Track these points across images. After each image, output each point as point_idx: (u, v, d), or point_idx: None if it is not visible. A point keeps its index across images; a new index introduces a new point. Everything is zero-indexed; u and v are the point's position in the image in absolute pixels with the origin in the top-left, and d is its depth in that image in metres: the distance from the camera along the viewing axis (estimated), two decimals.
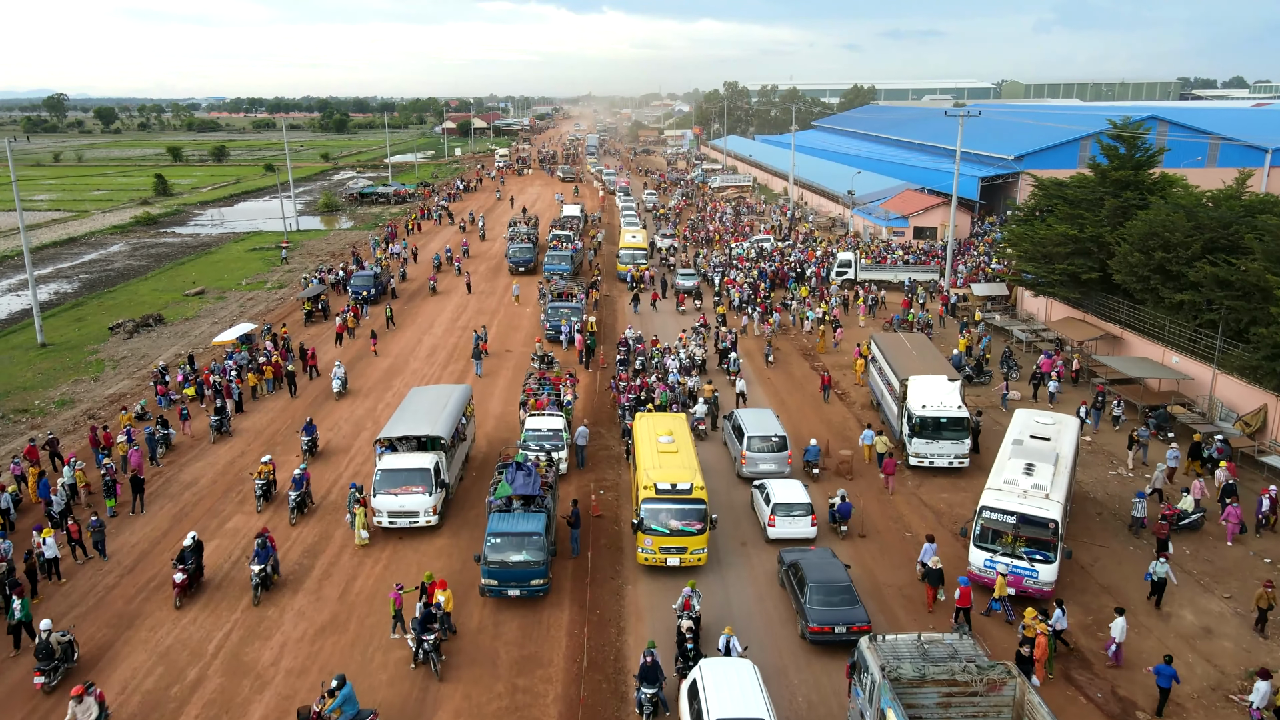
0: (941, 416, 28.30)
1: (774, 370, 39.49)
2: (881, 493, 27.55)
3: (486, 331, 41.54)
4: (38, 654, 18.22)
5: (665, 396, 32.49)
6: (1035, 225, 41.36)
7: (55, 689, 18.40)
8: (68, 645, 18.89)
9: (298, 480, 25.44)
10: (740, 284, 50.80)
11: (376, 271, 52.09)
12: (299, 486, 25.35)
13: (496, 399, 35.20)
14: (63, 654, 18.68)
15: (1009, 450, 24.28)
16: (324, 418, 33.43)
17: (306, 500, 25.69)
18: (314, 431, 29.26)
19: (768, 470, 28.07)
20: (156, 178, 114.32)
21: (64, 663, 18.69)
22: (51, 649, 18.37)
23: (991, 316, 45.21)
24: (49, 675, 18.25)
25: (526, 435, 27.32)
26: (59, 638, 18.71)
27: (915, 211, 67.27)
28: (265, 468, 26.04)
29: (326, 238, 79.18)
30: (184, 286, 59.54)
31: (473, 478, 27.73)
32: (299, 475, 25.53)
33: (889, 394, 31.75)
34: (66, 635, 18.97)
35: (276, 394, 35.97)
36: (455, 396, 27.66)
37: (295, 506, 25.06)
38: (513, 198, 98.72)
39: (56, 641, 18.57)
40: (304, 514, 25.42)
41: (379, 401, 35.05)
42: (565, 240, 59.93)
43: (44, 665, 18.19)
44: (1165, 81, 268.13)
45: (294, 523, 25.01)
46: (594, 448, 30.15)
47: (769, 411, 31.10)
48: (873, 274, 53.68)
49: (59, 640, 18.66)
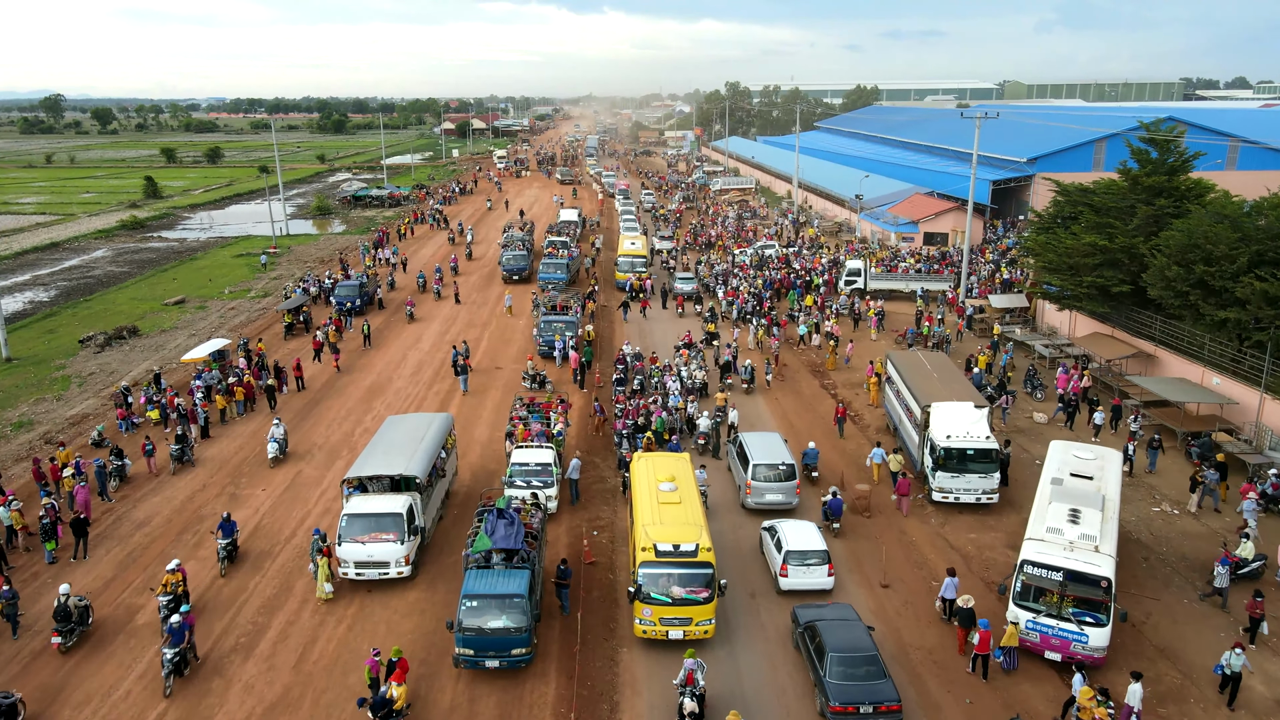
0: (968, 448, 25.79)
1: (781, 389, 36.98)
2: (902, 534, 25.04)
3: (469, 347, 39.06)
4: (56, 616, 19.21)
5: (661, 422, 30.00)
6: (1059, 234, 38.82)
7: (71, 650, 19.57)
8: (84, 609, 19.95)
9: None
10: (743, 294, 48.32)
11: (362, 281, 49.52)
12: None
13: (483, 423, 32.65)
14: (79, 617, 19.73)
15: (1048, 492, 21.78)
16: (298, 442, 30.94)
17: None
18: (234, 531, 22.73)
19: (775, 501, 25.85)
20: (146, 180, 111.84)
21: (80, 625, 19.78)
22: (69, 612, 19.37)
23: (1011, 330, 42.66)
24: (65, 636, 19.35)
25: (512, 470, 24.80)
26: (76, 602, 19.76)
27: (926, 216, 64.74)
28: (172, 577, 20.05)
29: (317, 243, 76.71)
30: (164, 295, 57.09)
31: (453, 517, 25.20)
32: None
33: (908, 420, 29.24)
34: (83, 600, 20.05)
35: (248, 417, 33.46)
36: (434, 428, 25.13)
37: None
38: (507, 201, 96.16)
39: (74, 605, 19.61)
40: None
41: (357, 425, 32.54)
42: (561, 247, 57.40)
43: (61, 627, 19.26)
44: (1169, 82, 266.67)
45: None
46: (588, 479, 27.64)
47: (777, 436, 28.72)
48: (883, 283, 51.16)
49: (76, 604, 19.71)
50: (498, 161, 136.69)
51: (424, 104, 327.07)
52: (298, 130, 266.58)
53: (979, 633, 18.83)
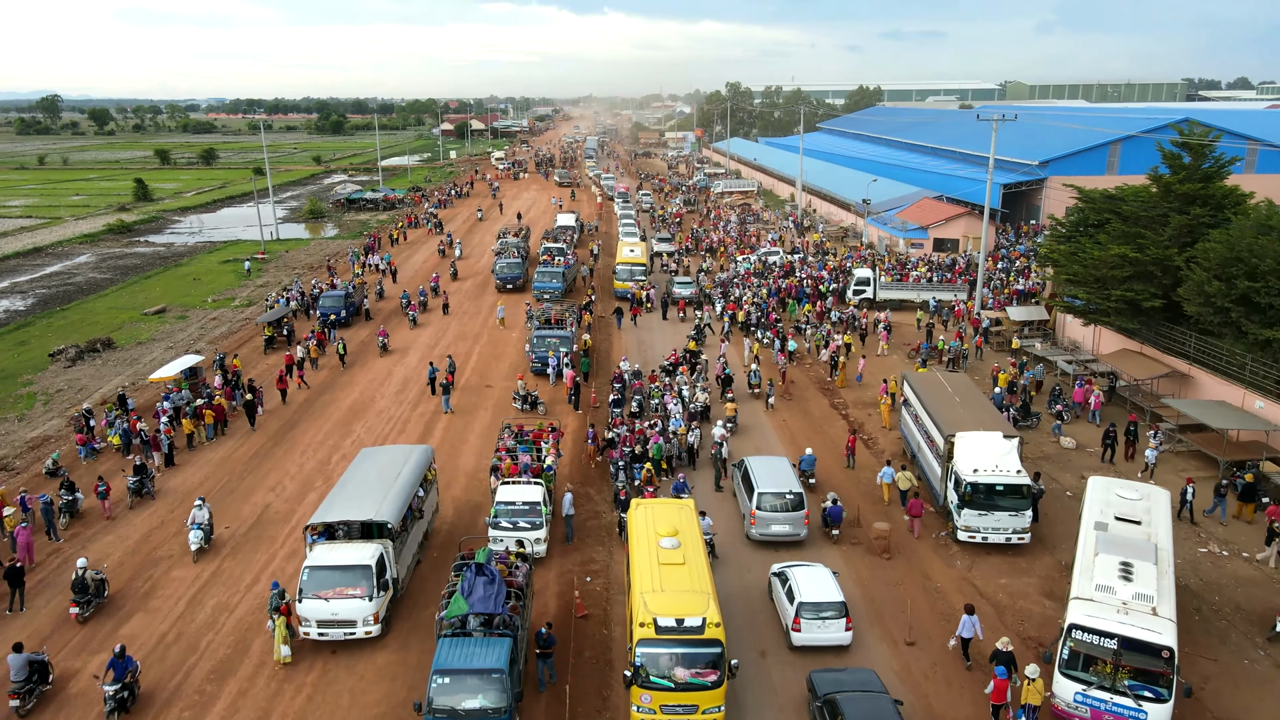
0: (998, 483, 23.53)
1: (789, 409, 34.70)
2: (926, 580, 22.76)
3: (454, 363, 36.84)
4: (73, 588, 20.29)
5: (659, 449, 27.76)
6: (1083, 243, 36.58)
7: (88, 620, 20.59)
8: (100, 582, 20.98)
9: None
10: (745, 305, 46.04)
11: (348, 291, 47.23)
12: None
13: (469, 449, 30.35)
14: (95, 589, 20.77)
15: (1092, 540, 19.51)
16: (267, 472, 28.69)
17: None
18: (126, 670, 17.25)
19: (781, 533, 24.00)
20: (136, 182, 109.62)
21: (96, 597, 20.79)
22: (86, 584, 20.38)
23: (1030, 344, 40.41)
24: (82, 607, 20.38)
25: (497, 510, 22.52)
26: (93, 575, 20.79)
27: (935, 222, 62.45)
28: None
29: (307, 248, 74.46)
30: (145, 304, 54.85)
31: (432, 561, 22.93)
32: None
33: (929, 449, 26.96)
34: (99, 574, 21.16)
35: (218, 442, 31.18)
36: (411, 463, 22.85)
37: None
38: (502, 204, 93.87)
39: (91, 578, 20.63)
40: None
41: (334, 451, 30.27)
42: (558, 254, 55.12)
43: (79, 598, 20.31)
44: (1171, 83, 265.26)
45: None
46: (582, 514, 25.38)
47: (784, 461, 26.67)
48: (893, 293, 48.90)
49: (93, 577, 20.75)
50: (495, 163, 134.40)
51: (423, 105, 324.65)
52: (296, 131, 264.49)
53: (994, 680, 17.13)
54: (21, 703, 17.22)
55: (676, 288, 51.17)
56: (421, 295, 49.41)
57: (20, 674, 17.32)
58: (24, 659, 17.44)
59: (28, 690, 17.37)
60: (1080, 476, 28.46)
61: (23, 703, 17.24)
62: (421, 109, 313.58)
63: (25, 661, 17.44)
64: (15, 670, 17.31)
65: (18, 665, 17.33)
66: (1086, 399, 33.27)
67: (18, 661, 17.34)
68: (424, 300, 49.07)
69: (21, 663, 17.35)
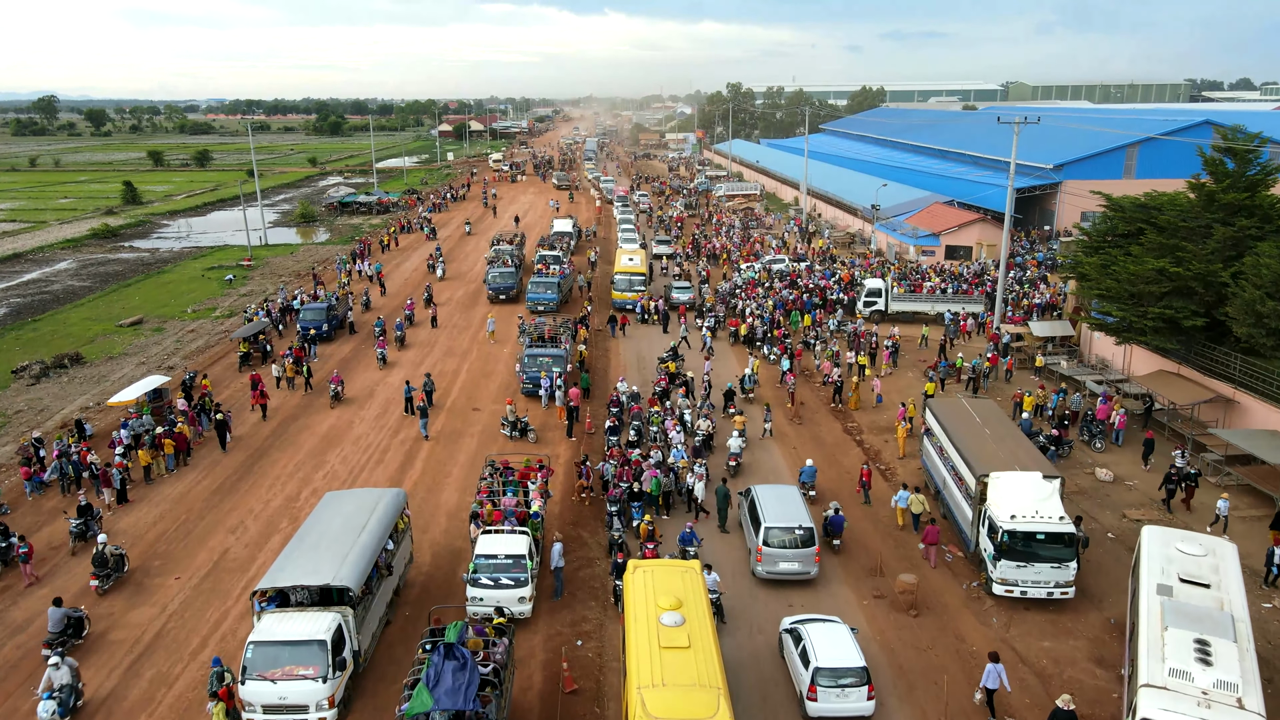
0: (1039, 531, 21.00)
1: (798, 434, 32.19)
2: (960, 642, 20.24)
3: (432, 380, 34.39)
4: (94, 562, 21.33)
5: (657, 485, 25.25)
6: (1113, 254, 34.05)
7: (107, 592, 21.57)
8: (119, 557, 21.99)
9: None
10: (750, 319, 43.47)
11: (331, 303, 44.64)
12: None
13: (452, 483, 27.79)
14: (114, 564, 21.70)
15: (1157, 608, 16.96)
16: (229, 511, 26.14)
17: None
18: None
19: (790, 571, 22.21)
20: (125, 185, 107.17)
21: (115, 572, 21.78)
22: (105, 559, 21.40)
23: (1055, 362, 37.89)
24: (102, 580, 21.41)
25: (477, 564, 19.98)
26: (112, 550, 21.76)
27: (947, 229, 59.92)
28: None
29: (296, 254, 71.97)
30: (121, 314, 52.37)
31: (403, 622, 20.39)
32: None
33: (957, 488, 24.43)
34: (119, 550, 22.17)
35: (179, 474, 28.63)
36: (380, 511, 20.29)
37: None
38: (496, 208, 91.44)
39: (110, 553, 21.59)
40: None
41: (305, 485, 27.72)
42: (553, 262, 52.60)
43: (99, 571, 21.33)
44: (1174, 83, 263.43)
45: None
46: (574, 562, 22.82)
47: (794, 490, 24.46)
48: (907, 305, 46.36)
49: (112, 553, 21.70)
50: (493, 165, 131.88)
51: (422, 106, 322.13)
52: (294, 132, 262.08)
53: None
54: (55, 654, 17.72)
55: (675, 292, 49.46)
56: (399, 329, 42.87)
57: (57, 626, 18.88)
58: (63, 613, 19.08)
59: (61, 642, 18.71)
60: (1121, 515, 26.02)
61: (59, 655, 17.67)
62: (420, 110, 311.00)
63: (63, 615, 19.08)
64: (53, 622, 18.87)
65: (56, 618, 18.92)
66: (1109, 418, 31.03)
67: (56, 614, 18.94)
68: (400, 335, 42.57)
69: (60, 616, 18.97)
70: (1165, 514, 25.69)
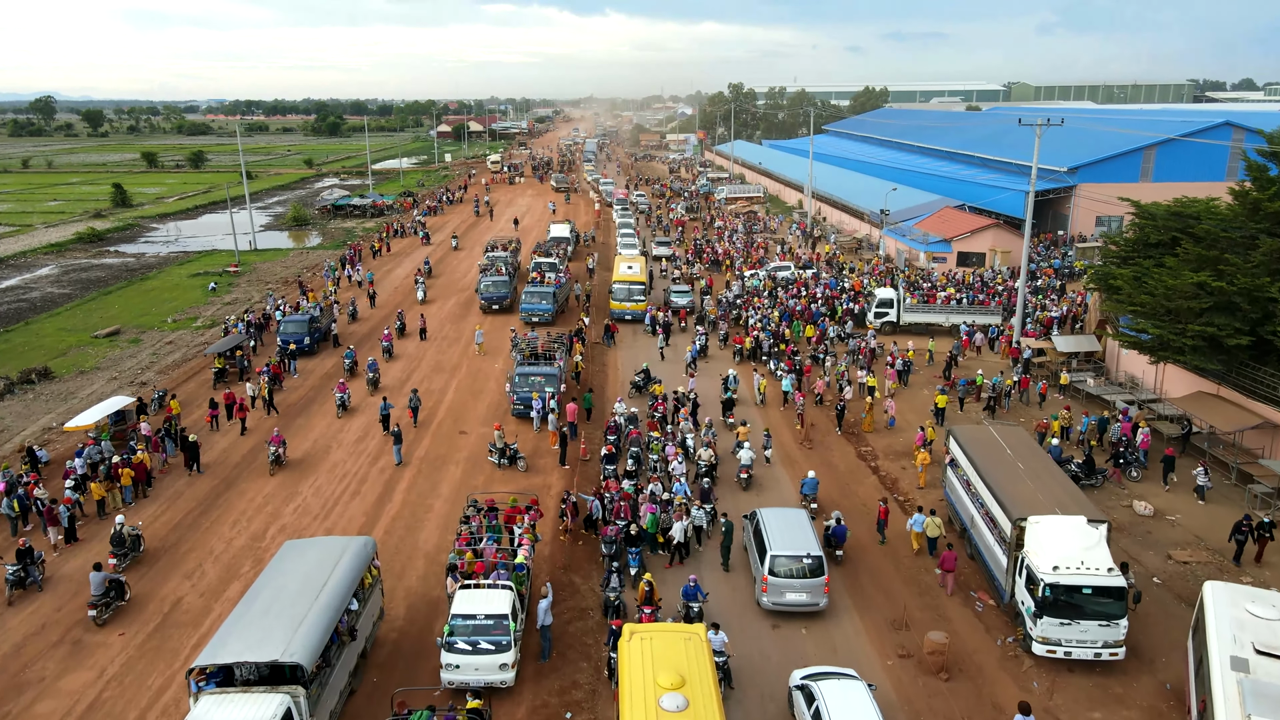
0: (1085, 585, 18.70)
1: (809, 459, 29.86)
2: (997, 712, 17.92)
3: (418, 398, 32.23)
4: (112, 541, 22.18)
5: (653, 522, 22.98)
6: (1145, 266, 31.76)
7: (125, 570, 22.25)
8: (136, 537, 22.81)
9: None
10: (754, 331, 41.10)
11: (314, 314, 42.32)
12: None
13: (433, 519, 25.45)
14: (131, 544, 22.54)
15: (1233, 688, 14.67)
16: (187, 551, 23.83)
17: None
18: None
19: (797, 603, 20.76)
20: (115, 187, 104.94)
21: (132, 551, 22.57)
22: (123, 538, 22.25)
23: (1082, 380, 35.59)
24: (120, 559, 22.21)
25: (454, 625, 17.67)
26: (130, 530, 22.60)
27: (959, 234, 57.58)
28: None
29: (285, 259, 69.73)
30: (98, 324, 50.12)
31: (370, 690, 18.06)
32: None
33: (988, 529, 22.12)
34: (135, 529, 23.00)
35: (137, 507, 26.27)
36: (343, 566, 17.96)
37: None
38: (492, 211, 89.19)
39: (128, 533, 22.42)
40: None
41: (273, 521, 25.41)
42: (548, 270, 50.32)
43: (116, 550, 22.15)
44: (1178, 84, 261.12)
45: None
46: (564, 614, 20.53)
47: (802, 515, 22.79)
48: (920, 316, 44.05)
49: (129, 532, 22.53)
50: (490, 166, 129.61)
51: (421, 106, 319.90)
52: (292, 133, 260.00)
53: None
54: (98, 613, 20.07)
55: (674, 296, 47.60)
56: (372, 369, 36.19)
57: (99, 589, 20.13)
58: (103, 576, 20.36)
59: (105, 603, 20.24)
60: (1167, 557, 23.73)
61: (99, 613, 20.08)
62: (420, 110, 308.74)
63: (104, 579, 20.32)
64: (95, 585, 20.14)
65: (97, 581, 20.18)
66: (1133, 437, 29.00)
67: (97, 578, 20.21)
68: (374, 376, 36.00)
69: (100, 579, 20.24)
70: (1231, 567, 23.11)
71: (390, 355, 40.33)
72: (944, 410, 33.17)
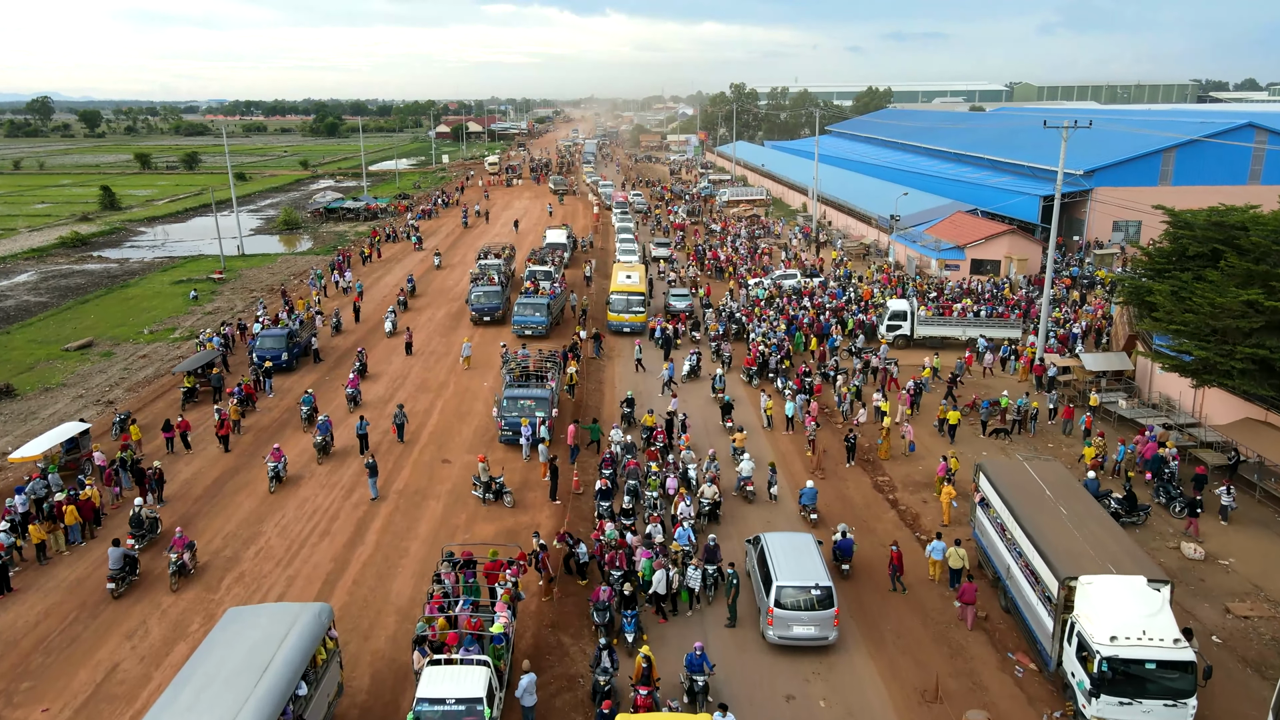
0: (1148, 659, 16.27)
1: (821, 489, 27.44)
2: None
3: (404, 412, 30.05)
4: (130, 523, 23.43)
5: (649, 570, 20.54)
6: (1184, 280, 29.34)
7: (143, 551, 23.26)
8: (153, 520, 23.93)
9: None
10: (756, 347, 38.58)
11: (293, 328, 39.85)
12: None
13: (408, 566, 22.93)
14: (149, 526, 23.67)
15: None
16: (131, 604, 21.37)
17: None
18: None
19: (805, 636, 19.33)
20: (102, 190, 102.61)
21: (150, 532, 23.68)
22: (141, 520, 23.53)
23: (1113, 401, 33.14)
24: (138, 540, 23.36)
25: (419, 711, 15.21)
26: (147, 513, 23.78)
27: (973, 241, 55.11)
28: None
29: (273, 265, 67.31)
30: (71, 336, 47.72)
31: None
32: None
33: (1028, 584, 19.64)
34: (153, 513, 24.16)
35: (84, 549, 23.84)
36: (291, 641, 15.46)
37: None
38: (487, 213, 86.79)
39: (146, 515, 23.68)
40: None
41: (230, 568, 22.87)
42: (543, 279, 47.87)
43: (135, 531, 23.41)
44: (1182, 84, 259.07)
45: None
46: (550, 685, 18.08)
47: (809, 540, 21.05)
48: (936, 329, 41.59)
49: (147, 515, 23.75)
50: (488, 168, 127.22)
51: (420, 106, 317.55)
52: (290, 134, 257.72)
53: None
54: (116, 586, 21.30)
55: (673, 300, 45.80)
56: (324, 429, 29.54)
57: (117, 563, 21.30)
58: (121, 552, 21.54)
59: (121, 577, 21.43)
60: (1225, 611, 21.27)
61: (117, 586, 21.33)
62: (418, 111, 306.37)
63: (122, 554, 21.50)
64: (113, 560, 21.27)
65: (115, 556, 21.34)
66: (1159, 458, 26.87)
67: (116, 553, 21.37)
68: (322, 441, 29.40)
69: (119, 554, 21.41)
70: None
71: (356, 403, 33.60)
72: (956, 427, 31.07)
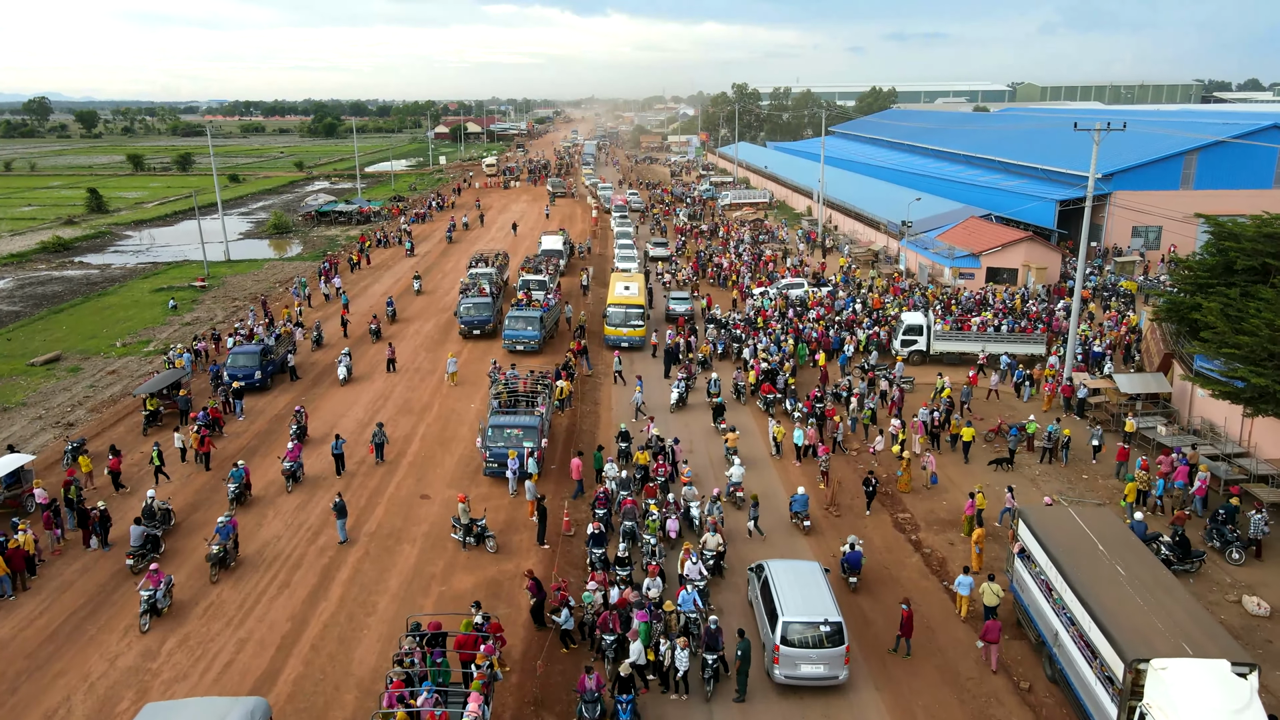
0: None
1: (835, 527, 24.92)
2: None
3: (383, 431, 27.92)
4: (143, 514, 23.19)
5: (646, 633, 18.00)
6: (1232, 296, 26.80)
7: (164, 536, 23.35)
8: (166, 511, 24.03)
9: None
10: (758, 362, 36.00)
11: (268, 344, 37.31)
12: None
13: (373, 629, 20.23)
14: (162, 517, 23.76)
15: None
16: (61, 671, 18.81)
17: None
18: None
19: (815, 675, 17.99)
20: (90, 192, 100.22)
21: (163, 524, 23.74)
22: (154, 511, 23.53)
23: (1151, 427, 30.56)
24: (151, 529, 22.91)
25: None
26: (160, 505, 23.89)
27: (989, 249, 52.54)
28: None
29: (260, 271, 64.86)
30: (39, 349, 45.26)
31: None
32: None
33: (1084, 661, 17.05)
34: (165, 504, 24.19)
35: (14, 604, 21.23)
36: None
37: None
38: (483, 215, 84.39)
39: (158, 507, 23.74)
40: None
41: (176, 627, 20.38)
42: (536, 289, 45.31)
43: (148, 522, 22.96)
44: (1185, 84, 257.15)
45: None
46: None
47: (816, 569, 19.58)
48: (953, 344, 39.03)
49: (160, 506, 23.83)
50: (485, 169, 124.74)
51: (420, 106, 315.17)
52: (289, 134, 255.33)
53: None
54: (135, 562, 21.98)
55: (673, 303, 44.33)
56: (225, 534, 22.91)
57: (137, 541, 22.10)
58: (142, 530, 22.31)
59: (141, 554, 22.08)
60: None
61: (135, 563, 21.98)
62: (418, 111, 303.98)
63: (143, 532, 22.29)
64: (134, 538, 22.12)
65: (137, 534, 22.21)
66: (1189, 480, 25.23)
67: (137, 531, 22.23)
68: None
69: (140, 532, 22.24)
70: None
71: (297, 480, 27.35)
72: (970, 444, 29.07)
